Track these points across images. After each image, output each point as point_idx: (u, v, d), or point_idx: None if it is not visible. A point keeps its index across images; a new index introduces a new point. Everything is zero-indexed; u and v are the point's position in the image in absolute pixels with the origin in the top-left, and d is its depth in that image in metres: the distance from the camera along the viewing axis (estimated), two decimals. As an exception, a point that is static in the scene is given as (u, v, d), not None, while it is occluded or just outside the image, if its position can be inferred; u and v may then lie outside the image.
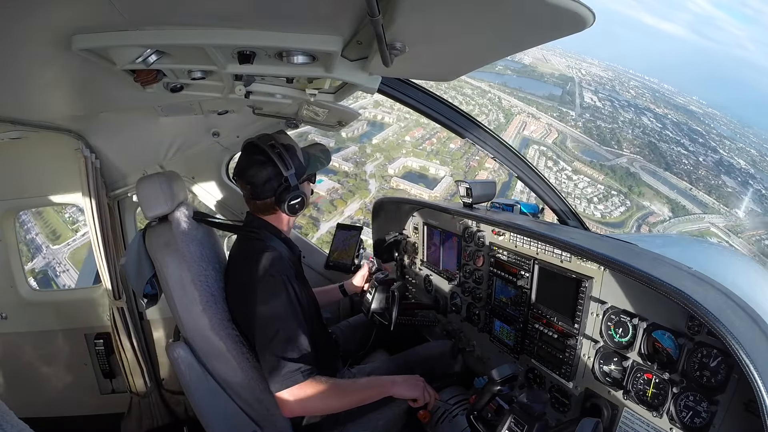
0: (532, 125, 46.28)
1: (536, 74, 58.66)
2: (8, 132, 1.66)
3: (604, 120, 49.32)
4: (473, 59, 1.14)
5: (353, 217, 29.47)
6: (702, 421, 1.18)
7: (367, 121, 38.39)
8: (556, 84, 56.90)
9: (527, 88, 53.96)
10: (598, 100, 53.29)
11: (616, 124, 49.13)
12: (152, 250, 1.72)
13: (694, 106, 59.81)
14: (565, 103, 51.99)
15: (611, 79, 60.49)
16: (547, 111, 49.31)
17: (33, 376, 2.58)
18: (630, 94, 57.18)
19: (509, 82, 54.35)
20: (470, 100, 47.95)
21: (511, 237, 1.87)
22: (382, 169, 34.89)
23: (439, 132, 37.34)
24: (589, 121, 49.12)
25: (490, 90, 50.68)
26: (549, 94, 53.88)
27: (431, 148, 37.96)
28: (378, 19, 0.68)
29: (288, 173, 1.59)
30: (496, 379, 1.38)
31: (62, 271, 20.09)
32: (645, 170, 42.96)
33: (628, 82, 60.97)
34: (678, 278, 1.24)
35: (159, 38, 0.92)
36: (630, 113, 51.83)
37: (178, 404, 2.69)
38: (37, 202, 2.57)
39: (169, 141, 2.32)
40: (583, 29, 0.77)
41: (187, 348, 1.59)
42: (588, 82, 57.88)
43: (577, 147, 44.46)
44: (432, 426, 1.80)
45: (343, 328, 2.31)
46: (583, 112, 50.63)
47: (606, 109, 51.68)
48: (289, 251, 1.75)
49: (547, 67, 60.30)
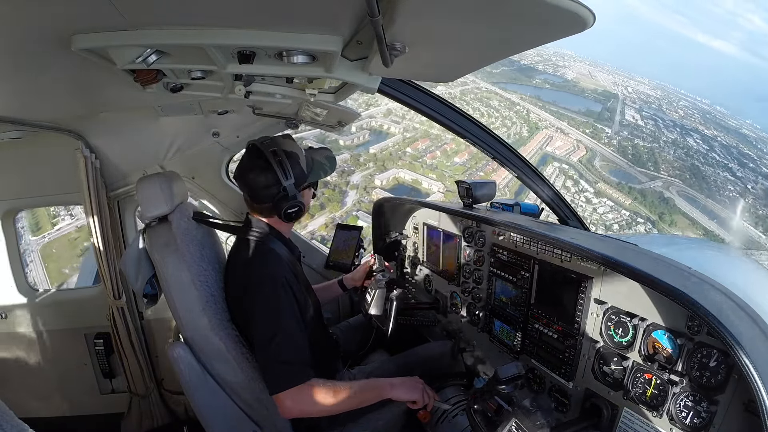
0: (558, 141, 43.57)
1: (577, 89, 55.75)
2: (8, 132, 1.66)
3: (643, 139, 45.98)
4: (473, 60, 1.14)
5: (314, 232, 26.10)
6: (702, 421, 1.18)
7: (370, 131, 36.88)
8: (597, 100, 53.69)
9: (563, 102, 50.89)
10: (641, 119, 49.82)
11: (657, 144, 45.61)
12: (152, 250, 1.72)
13: (747, 129, 54.74)
14: (603, 119, 48.69)
15: (659, 98, 57.21)
16: (579, 127, 46.32)
17: (33, 376, 2.58)
18: (677, 114, 53.48)
19: (543, 96, 51.75)
20: (494, 111, 45.81)
21: (511, 237, 1.87)
22: (369, 180, 32.47)
23: (447, 144, 36.18)
24: (625, 139, 45.88)
25: (520, 102, 48.47)
26: (586, 110, 50.50)
27: (432, 161, 36.06)
28: (378, 19, 0.68)
29: (287, 183, 1.56)
30: (501, 377, 1.37)
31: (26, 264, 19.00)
32: (682, 195, 39.33)
33: (677, 102, 57.27)
34: (678, 278, 1.24)
35: (159, 38, 0.92)
36: (674, 133, 48.24)
37: (178, 404, 2.69)
38: (37, 202, 2.58)
39: (169, 141, 2.32)
40: (584, 30, 0.77)
41: (186, 348, 1.59)
42: (633, 100, 54.34)
43: (606, 167, 41.20)
44: (432, 426, 1.80)
45: (343, 328, 2.31)
46: (621, 129, 47.30)
47: (648, 128, 48.15)
48: (289, 252, 1.74)
49: (591, 83, 57.39)
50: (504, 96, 48.47)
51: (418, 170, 34.88)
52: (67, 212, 18.03)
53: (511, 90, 50.43)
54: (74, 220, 17.31)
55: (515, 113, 46.55)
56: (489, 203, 2.29)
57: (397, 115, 37.71)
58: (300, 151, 1.69)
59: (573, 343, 1.58)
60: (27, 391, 2.60)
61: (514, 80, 54.11)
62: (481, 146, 2.13)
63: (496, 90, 48.33)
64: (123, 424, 2.63)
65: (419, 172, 34.76)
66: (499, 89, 48.80)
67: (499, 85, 50.90)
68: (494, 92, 46.91)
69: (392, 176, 33.66)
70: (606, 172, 40.19)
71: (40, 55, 0.99)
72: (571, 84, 57.01)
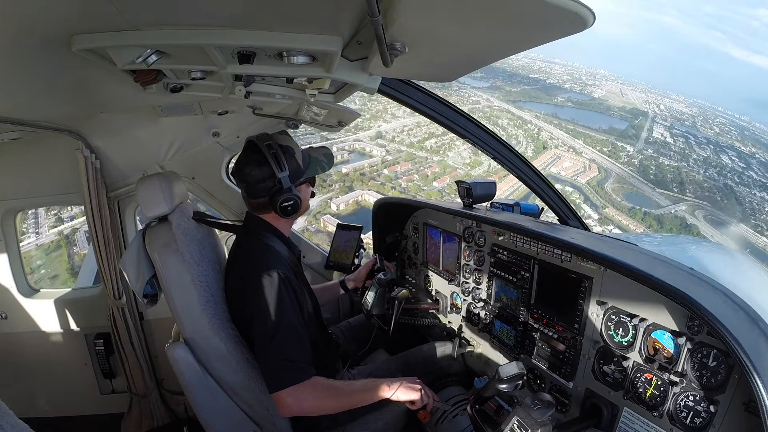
0: (567, 161, 38.83)
1: (603, 107, 50.86)
2: (8, 132, 1.66)
3: (670, 157, 40.82)
4: (474, 60, 1.14)
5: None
6: (702, 421, 1.18)
7: (351, 152, 33.91)
8: (623, 117, 48.82)
9: (583, 120, 46.13)
10: (670, 136, 44.79)
11: (685, 163, 40.42)
12: (152, 251, 1.72)
13: (790, 146, 47.68)
14: (626, 137, 43.81)
15: (693, 115, 51.88)
16: (596, 145, 41.51)
17: (33, 376, 2.59)
18: (713, 131, 48.32)
19: (562, 114, 47.29)
20: (500, 131, 41.60)
21: (511, 237, 1.87)
22: (326, 205, 27.56)
23: (431, 168, 32.83)
24: (649, 158, 40.91)
25: (533, 121, 44.22)
26: (609, 128, 45.87)
27: (406, 184, 31.34)
28: (378, 19, 0.68)
29: (281, 175, 1.58)
30: (502, 377, 1.37)
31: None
32: (710, 221, 33.50)
33: (713, 119, 51.65)
34: (678, 278, 1.24)
35: (159, 38, 0.91)
36: (707, 151, 42.92)
37: (178, 404, 2.69)
38: (37, 202, 2.58)
39: (169, 141, 2.32)
40: (583, 29, 0.77)
41: (186, 348, 1.59)
42: (664, 117, 49.47)
43: (620, 189, 36.13)
44: (432, 426, 1.80)
45: (343, 328, 2.31)
46: (645, 147, 42.44)
47: (677, 146, 43.06)
48: (289, 251, 1.74)
49: (619, 101, 52.54)
50: (516, 114, 44.64)
51: (386, 192, 29.62)
52: (35, 230, 17.05)
53: (528, 108, 46.56)
54: (39, 238, 16.43)
55: (524, 132, 42.34)
56: (489, 203, 2.29)
57: (386, 138, 34.86)
58: (296, 146, 1.69)
59: (573, 343, 1.58)
60: (27, 391, 2.60)
61: (533, 98, 50.52)
62: (481, 146, 2.13)
63: (509, 108, 45.35)
64: (123, 424, 2.64)
65: (385, 192, 28.80)
66: (514, 108, 45.61)
67: (516, 103, 47.65)
68: (506, 110, 43.92)
69: (353, 199, 29.16)
70: (618, 195, 35.21)
71: (41, 55, 0.99)
72: (597, 102, 52.41)
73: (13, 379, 2.56)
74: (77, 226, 15.15)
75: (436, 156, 33.24)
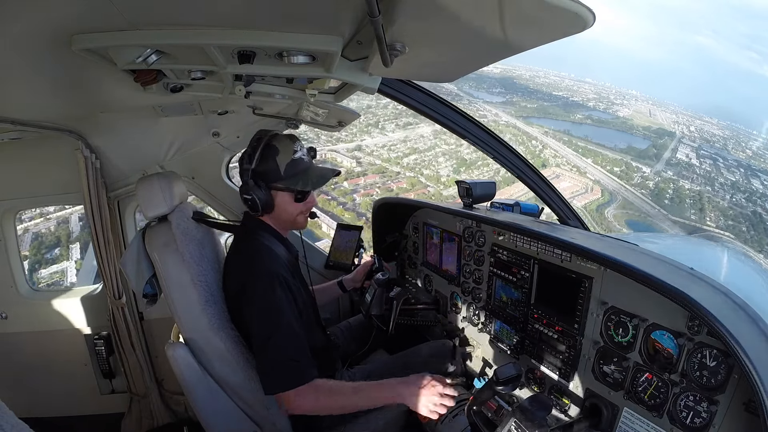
0: (566, 181, 34.43)
1: (626, 126, 46.72)
2: (8, 132, 1.66)
3: (692, 180, 36.67)
4: (474, 60, 1.14)
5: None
6: (702, 421, 1.18)
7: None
8: (646, 137, 44.75)
9: (599, 138, 42.17)
10: (696, 157, 40.48)
11: (710, 187, 36.30)
12: (152, 250, 1.72)
13: (829, 170, 41.43)
14: (645, 157, 39.67)
15: (725, 137, 47.26)
16: (606, 165, 37.62)
17: (33, 376, 2.58)
18: (745, 153, 43.82)
19: (575, 131, 43.24)
20: None
21: (511, 237, 1.87)
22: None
23: (401, 181, 28.71)
24: (667, 180, 36.81)
25: (539, 137, 40.63)
26: (627, 146, 41.91)
27: (361, 199, 26.59)
28: (378, 19, 0.68)
29: (246, 166, 1.58)
30: (500, 378, 1.37)
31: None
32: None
33: (746, 142, 46.83)
34: (678, 278, 1.24)
35: (159, 38, 0.92)
36: (736, 175, 38.50)
37: (178, 404, 2.69)
38: (37, 202, 2.58)
39: (169, 141, 2.32)
40: (584, 30, 0.77)
41: (186, 348, 1.59)
42: (692, 138, 44.81)
43: (623, 216, 31.55)
44: (432, 426, 1.80)
45: (342, 328, 2.31)
46: (665, 168, 38.38)
47: (702, 168, 38.79)
48: (287, 251, 1.74)
49: (646, 121, 48.57)
50: (522, 129, 41.04)
51: (330, 207, 25.29)
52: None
53: (538, 124, 42.78)
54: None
55: (525, 148, 37.54)
56: (489, 203, 2.29)
57: (364, 151, 31.35)
58: (288, 151, 1.61)
59: (573, 343, 1.58)
60: (27, 391, 2.60)
61: (548, 115, 46.55)
62: (482, 146, 2.13)
63: (515, 123, 41.84)
64: (123, 424, 2.64)
65: (329, 209, 24.62)
66: (522, 123, 42.10)
67: (527, 119, 43.99)
68: (512, 125, 40.17)
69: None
70: (619, 222, 30.77)
71: (41, 55, 0.99)
72: (621, 121, 47.86)
73: (13, 379, 2.56)
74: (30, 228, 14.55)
75: (410, 172, 29.94)
